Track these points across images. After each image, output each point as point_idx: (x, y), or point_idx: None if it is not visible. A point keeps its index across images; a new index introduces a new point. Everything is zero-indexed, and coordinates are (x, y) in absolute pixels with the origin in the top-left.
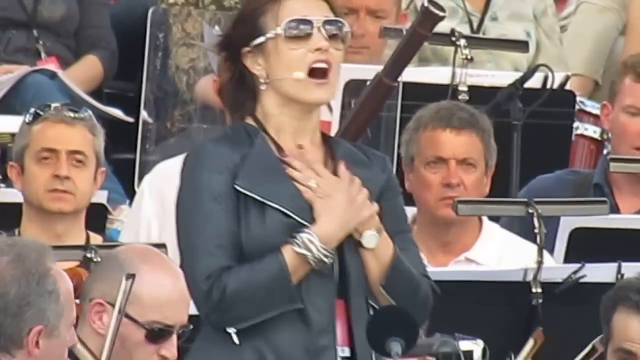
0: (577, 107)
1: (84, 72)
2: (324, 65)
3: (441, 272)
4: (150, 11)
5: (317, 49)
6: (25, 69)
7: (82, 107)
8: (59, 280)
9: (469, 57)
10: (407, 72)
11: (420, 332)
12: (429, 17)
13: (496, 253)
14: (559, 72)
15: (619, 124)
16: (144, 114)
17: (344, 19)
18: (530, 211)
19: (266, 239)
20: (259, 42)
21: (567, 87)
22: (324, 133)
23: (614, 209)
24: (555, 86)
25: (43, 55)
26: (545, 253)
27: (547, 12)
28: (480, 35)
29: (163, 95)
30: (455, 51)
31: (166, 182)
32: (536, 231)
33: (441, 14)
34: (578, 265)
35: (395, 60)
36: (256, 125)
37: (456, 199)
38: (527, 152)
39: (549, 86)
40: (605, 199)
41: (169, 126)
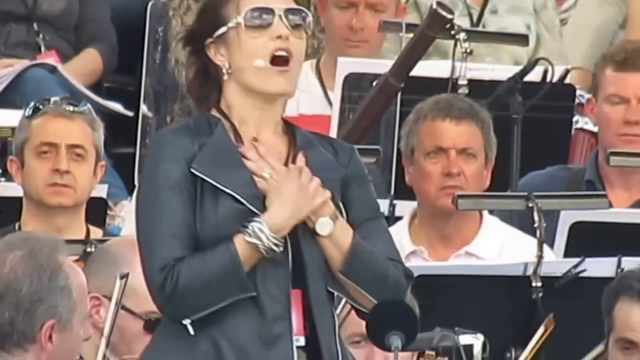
0: (577, 101)
1: (84, 66)
2: (284, 53)
3: (442, 267)
4: (149, 5)
5: (278, 36)
6: (25, 62)
7: (81, 101)
8: (71, 275)
9: (468, 51)
10: None
11: None
12: (438, 19)
13: (496, 247)
14: (558, 66)
15: (602, 114)
16: (143, 108)
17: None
18: (530, 205)
19: (219, 225)
20: (221, 32)
21: (567, 81)
22: (289, 122)
23: None
24: (555, 80)
25: (43, 49)
26: (546, 247)
27: (547, 6)
28: (480, 29)
29: (163, 89)
30: (455, 44)
31: None
32: (536, 225)
33: (449, 16)
34: (578, 260)
35: (403, 61)
36: (220, 116)
37: (456, 193)
38: (527, 146)
39: (548, 80)
40: (605, 192)
41: (168, 120)
